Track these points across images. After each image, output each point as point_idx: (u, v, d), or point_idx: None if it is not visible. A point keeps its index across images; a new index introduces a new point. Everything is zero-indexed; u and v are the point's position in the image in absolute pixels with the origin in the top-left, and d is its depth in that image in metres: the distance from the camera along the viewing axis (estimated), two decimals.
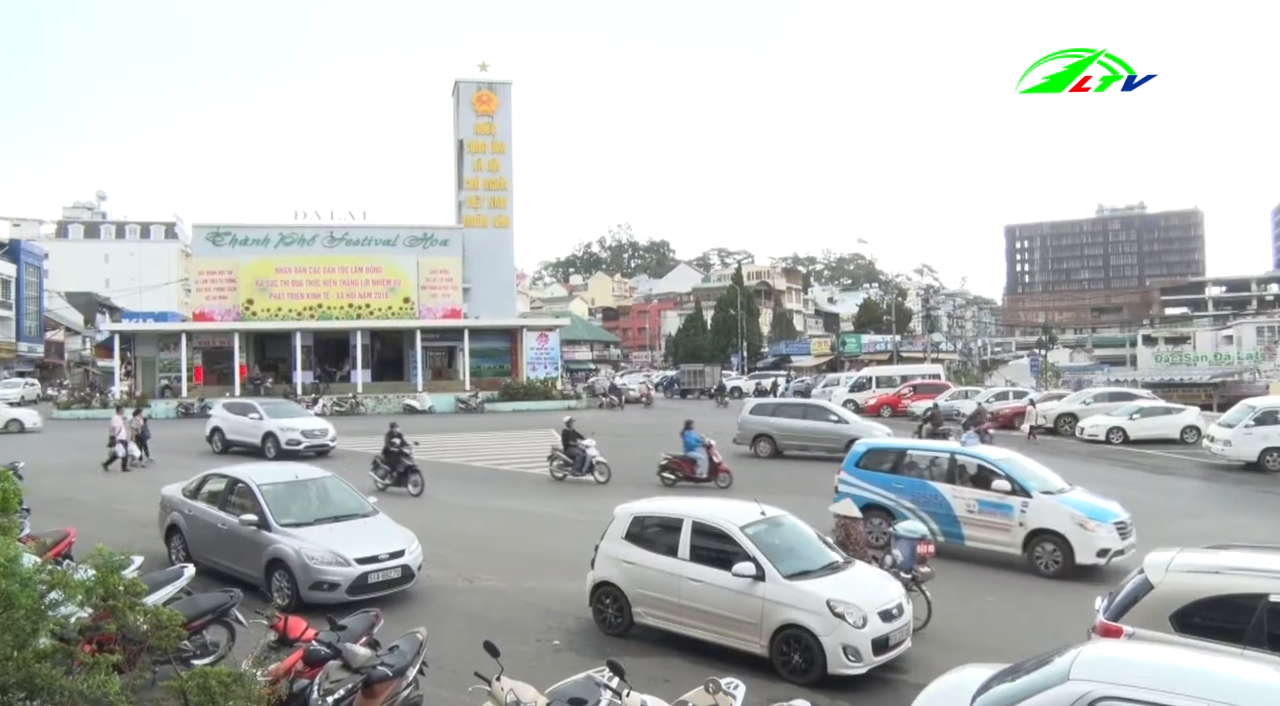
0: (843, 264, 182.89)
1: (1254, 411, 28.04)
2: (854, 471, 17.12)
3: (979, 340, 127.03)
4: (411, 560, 12.87)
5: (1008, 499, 15.07)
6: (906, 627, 10.29)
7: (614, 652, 9.78)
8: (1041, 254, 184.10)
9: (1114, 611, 8.18)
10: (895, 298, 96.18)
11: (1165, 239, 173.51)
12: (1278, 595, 7.48)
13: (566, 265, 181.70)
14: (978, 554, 15.85)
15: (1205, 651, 7.07)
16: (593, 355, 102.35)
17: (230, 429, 29.86)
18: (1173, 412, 34.65)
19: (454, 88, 59.16)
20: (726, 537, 10.61)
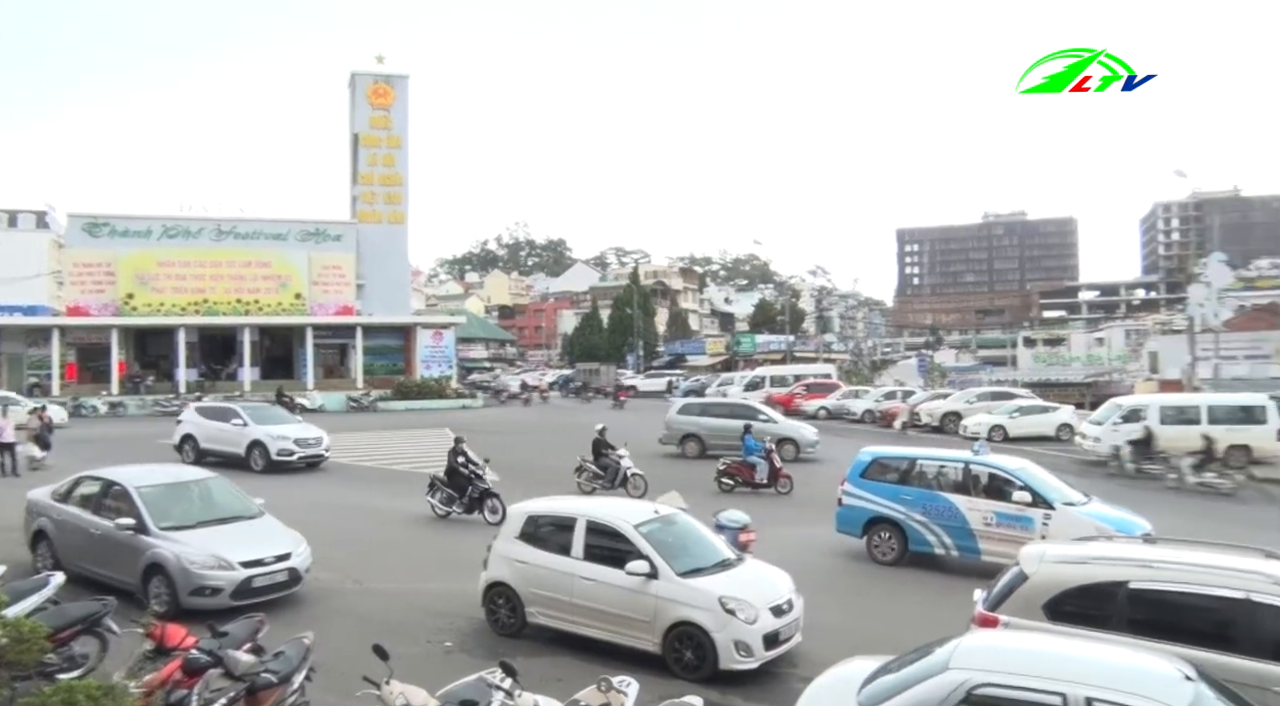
0: (739, 264, 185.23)
1: (1121, 409, 29.61)
2: (859, 482, 16.20)
3: (870, 341, 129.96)
4: (299, 562, 12.53)
5: (1028, 511, 14.33)
6: (797, 622, 10.48)
7: (506, 653, 9.70)
8: (930, 257, 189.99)
9: (991, 602, 8.49)
10: (789, 298, 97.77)
11: (1044, 245, 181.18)
12: (1137, 582, 7.92)
13: (463, 263, 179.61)
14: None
15: (1072, 637, 7.41)
16: (489, 354, 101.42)
17: (206, 436, 26.55)
18: (1049, 411, 36.17)
19: (350, 80, 57.80)
20: (620, 536, 10.63)
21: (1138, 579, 7.95)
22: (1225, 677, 6.64)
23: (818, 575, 14.62)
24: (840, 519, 16.43)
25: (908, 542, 15.43)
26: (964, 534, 14.84)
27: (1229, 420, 28.10)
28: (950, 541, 14.92)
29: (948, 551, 15.03)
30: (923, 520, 15.22)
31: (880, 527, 15.66)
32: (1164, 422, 28.12)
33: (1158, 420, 28.23)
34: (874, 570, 15.44)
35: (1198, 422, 27.89)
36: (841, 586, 14.33)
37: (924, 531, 15.19)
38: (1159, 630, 7.55)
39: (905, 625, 11.06)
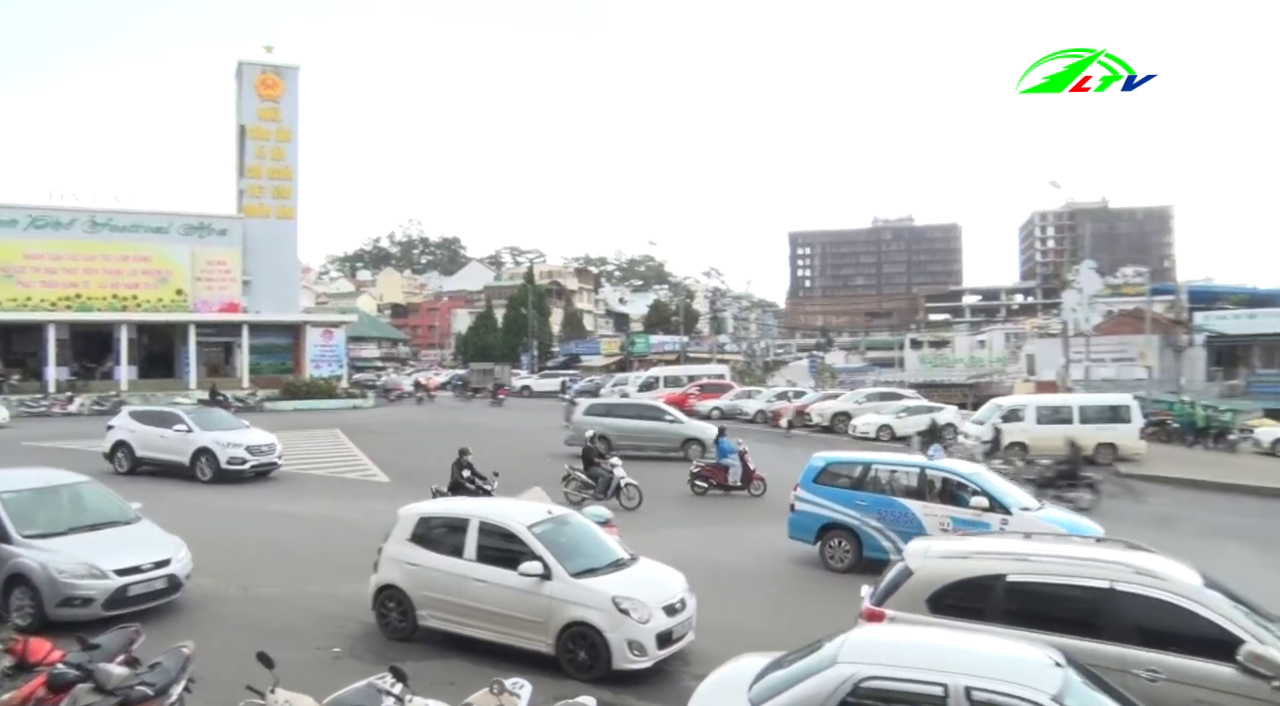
0: (634, 265, 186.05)
1: (1001, 409, 30.87)
2: (812, 488, 15.85)
3: (762, 342, 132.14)
4: (179, 569, 12.06)
5: (985, 516, 14.12)
6: (690, 621, 10.58)
7: (397, 657, 9.51)
8: (821, 260, 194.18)
9: (878, 597, 8.72)
10: (684, 299, 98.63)
11: (930, 250, 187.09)
12: (1014, 575, 8.28)
13: (354, 260, 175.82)
14: (761, 547, 16.48)
15: (953, 629, 7.68)
16: (381, 353, 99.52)
17: (143, 443, 24.38)
18: (934, 410, 37.32)
19: (236, 69, 55.74)
20: (513, 537, 10.58)
21: (1014, 572, 8.30)
22: (1092, 662, 6.97)
23: (741, 577, 14.92)
24: (793, 525, 16.07)
25: (862, 549, 15.09)
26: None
27: (1098, 419, 29.54)
28: (905, 547, 14.74)
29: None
30: (878, 526, 14.90)
31: (834, 534, 15.35)
32: (1039, 422, 29.40)
33: (1034, 420, 29.49)
34: (809, 573, 15.39)
35: (1070, 422, 29.23)
36: (757, 586, 14.54)
37: (879, 537, 14.83)
38: (1034, 620, 7.88)
39: (803, 622, 11.24)
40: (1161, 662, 7.51)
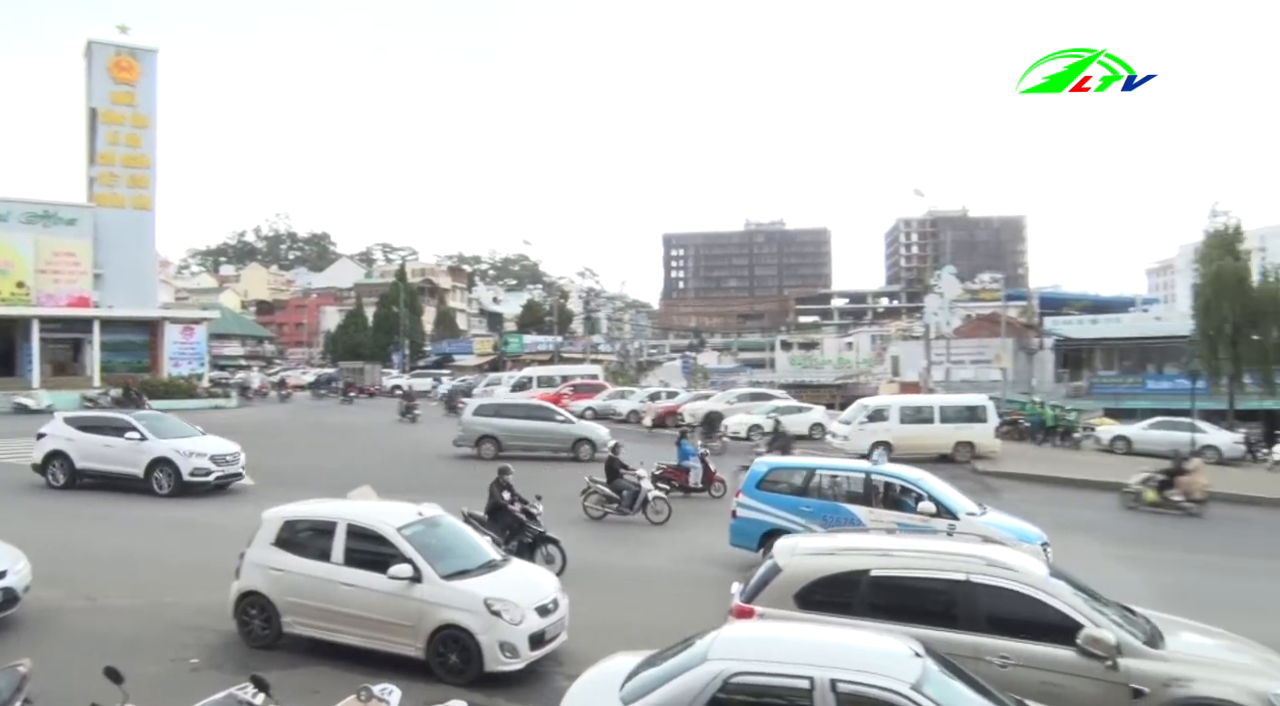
0: (508, 264, 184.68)
1: (867, 410, 31.88)
2: (755, 494, 15.42)
3: (636, 342, 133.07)
4: (15, 582, 11.28)
5: (932, 522, 14.04)
6: (563, 621, 10.57)
7: (259, 666, 9.20)
8: (695, 262, 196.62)
9: (748, 594, 8.90)
10: (558, 299, 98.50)
11: (801, 253, 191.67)
12: (877, 570, 8.58)
13: (218, 254, 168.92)
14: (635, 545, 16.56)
15: (820, 624, 7.93)
16: (245, 351, 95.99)
17: (85, 454, 21.69)
18: (803, 411, 38.30)
19: (86, 48, 52.56)
20: (382, 539, 10.37)
21: (877, 567, 8.61)
22: (949, 652, 7.29)
23: (628, 577, 14.94)
24: (735, 531, 15.57)
25: None
26: None
27: (957, 419, 30.83)
28: None
29: None
30: (821, 532, 14.22)
31: (776, 540, 15.23)
32: (903, 422, 30.46)
33: (898, 420, 30.55)
34: (697, 572, 15.29)
35: (932, 421, 30.44)
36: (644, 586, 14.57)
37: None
38: (896, 612, 8.19)
39: (680, 620, 11.32)
40: (1011, 649, 7.91)
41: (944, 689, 6.35)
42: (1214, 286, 38.13)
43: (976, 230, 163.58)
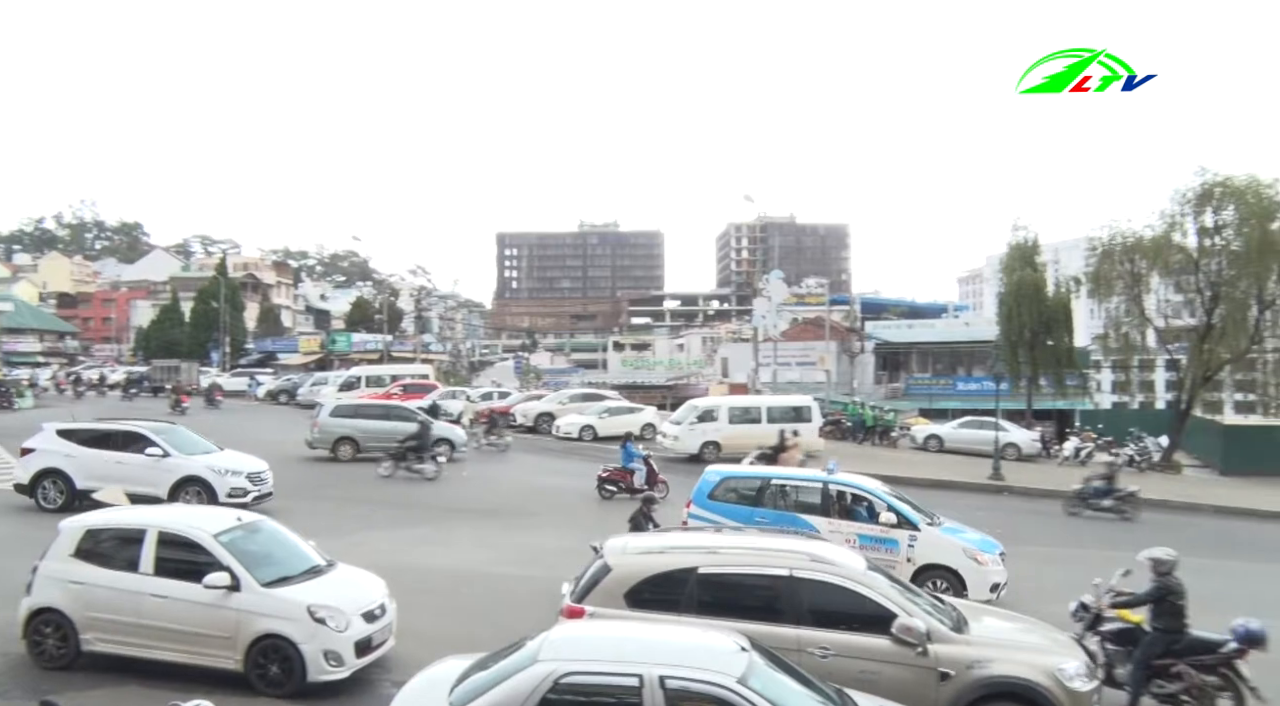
0: (337, 260, 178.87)
1: (697, 410, 32.54)
2: (706, 504, 14.95)
3: (468, 342, 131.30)
4: None
5: (893, 533, 13.85)
6: (390, 626, 10.32)
7: (54, 689, 8.58)
8: (529, 262, 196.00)
9: (578, 594, 8.92)
10: (388, 297, 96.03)
11: (634, 255, 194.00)
12: (705, 567, 8.77)
13: (11, 241, 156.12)
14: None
15: (649, 622, 8.04)
16: (43, 346, 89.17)
17: (89, 472, 18.90)
18: (635, 412, 38.67)
19: None
20: (197, 547, 9.87)
21: (705, 564, 8.80)
22: (773, 645, 7.53)
23: (461, 580, 14.58)
24: None
25: None
26: None
27: (783, 419, 31.75)
28: None
29: None
30: None
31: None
32: (732, 422, 31.21)
33: (727, 420, 31.29)
34: (528, 574, 15.11)
35: (759, 422, 31.30)
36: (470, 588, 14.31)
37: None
38: (723, 609, 8.40)
39: (511, 622, 11.23)
40: (832, 640, 8.25)
41: (769, 681, 6.55)
42: (1015, 295, 40.90)
43: (804, 236, 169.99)
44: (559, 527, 18.81)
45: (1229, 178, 34.30)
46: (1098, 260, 37.81)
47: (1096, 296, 38.62)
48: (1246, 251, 33.51)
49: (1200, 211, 34.88)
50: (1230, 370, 36.38)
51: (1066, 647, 8.86)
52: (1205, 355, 35.00)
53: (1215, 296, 34.68)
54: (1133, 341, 38.24)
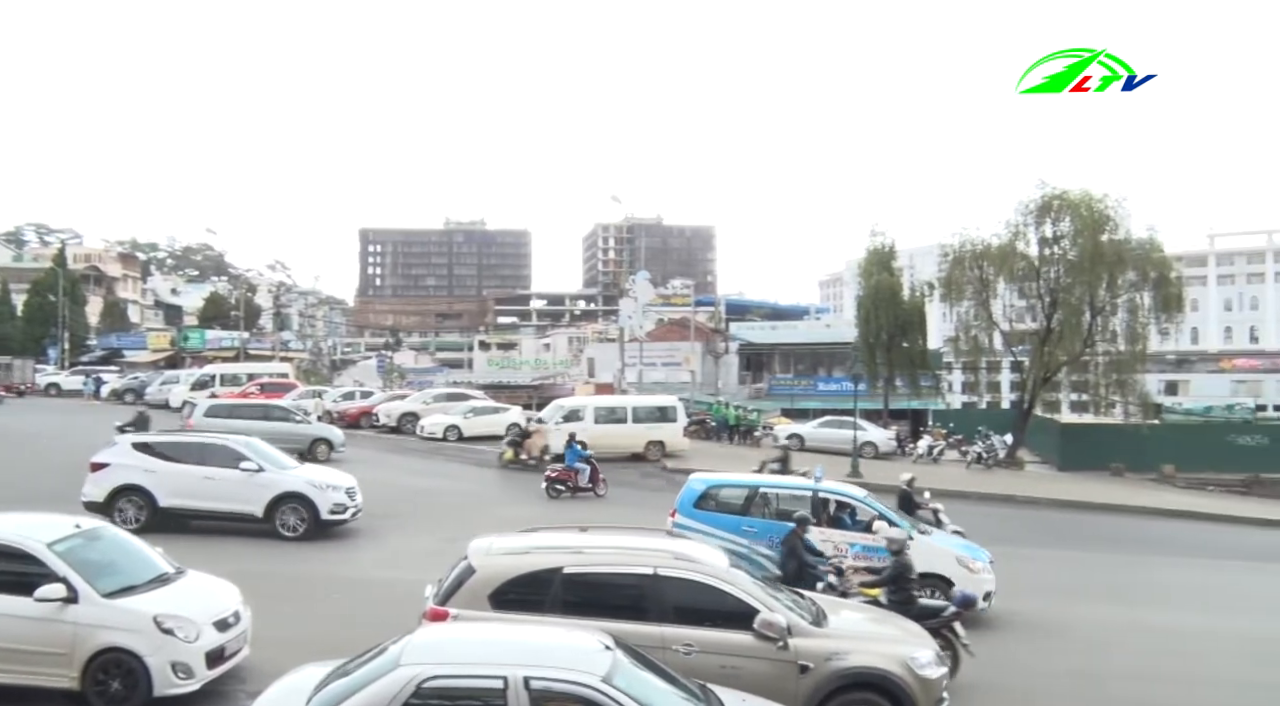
0: (189, 254, 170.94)
1: (563, 410, 32.51)
2: (692, 513, 14.53)
3: (330, 340, 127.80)
4: None
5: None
6: (245, 635, 9.94)
7: None
8: (393, 259, 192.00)
9: (441, 597, 8.79)
10: (245, 293, 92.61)
11: (501, 254, 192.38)
12: (570, 567, 8.78)
13: None
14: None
15: (514, 623, 8.00)
16: None
17: (174, 489, 17.54)
18: (500, 411, 38.40)
19: None
20: (29, 558, 9.22)
21: (570, 564, 8.80)
22: (638, 643, 7.58)
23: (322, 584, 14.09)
24: None
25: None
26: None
27: (648, 419, 32.13)
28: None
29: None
30: (768, 554, 13.57)
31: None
32: (597, 422, 31.30)
33: (593, 420, 31.37)
34: (390, 577, 14.85)
35: (625, 421, 31.53)
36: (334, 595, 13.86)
37: (771, 567, 13.24)
38: (589, 608, 8.42)
39: (374, 627, 10.97)
40: (695, 637, 8.38)
41: (633, 679, 6.59)
42: (872, 299, 42.47)
43: (670, 238, 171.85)
44: (424, 530, 18.53)
45: (1066, 191, 36.50)
46: (949, 266, 39.57)
47: (948, 301, 40.41)
48: (1081, 261, 35.71)
49: (1041, 222, 36.97)
50: (1067, 372, 38.59)
51: (919, 638, 9.24)
52: (1045, 357, 37.10)
53: (1054, 302, 36.78)
54: (981, 344, 40.10)
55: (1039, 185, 36.94)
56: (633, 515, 19.22)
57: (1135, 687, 11.61)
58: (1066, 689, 11.47)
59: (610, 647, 6.85)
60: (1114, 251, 35.56)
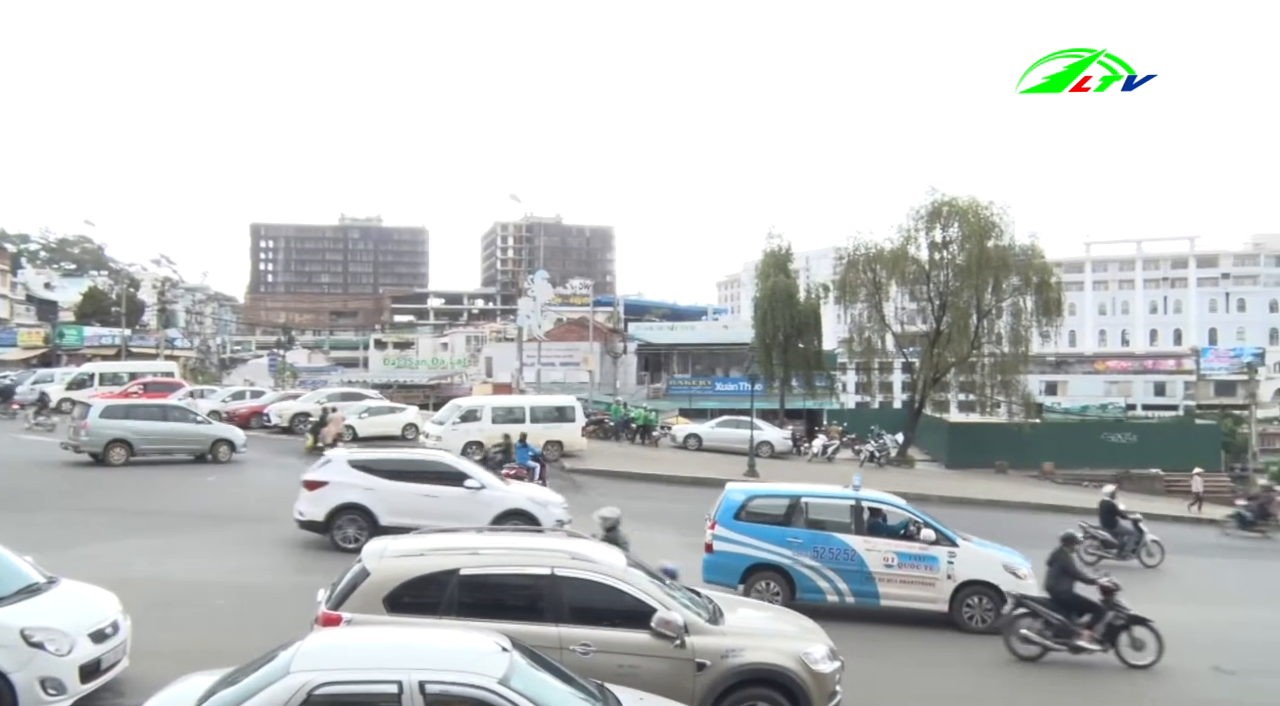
0: (65, 245, 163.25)
1: (460, 410, 32.23)
2: (733, 524, 14.21)
3: (219, 338, 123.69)
4: None
5: (932, 549, 13.65)
6: (124, 646, 9.51)
7: None
8: (286, 255, 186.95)
9: (334, 601, 8.58)
10: (127, 288, 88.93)
11: (398, 251, 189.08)
12: (467, 569, 8.67)
13: None
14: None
15: (410, 627, 7.86)
16: None
17: (395, 507, 16.84)
18: (396, 411, 37.78)
19: None
20: None
21: (467, 566, 8.69)
22: (536, 644, 7.53)
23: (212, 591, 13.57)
24: (711, 568, 14.21)
25: (795, 591, 13.88)
26: (861, 578, 13.74)
27: (546, 419, 32.02)
28: (845, 587, 13.74)
29: (841, 598, 13.78)
30: (813, 565, 13.71)
31: (762, 575, 13.92)
32: (495, 422, 31.06)
33: (490, 420, 31.12)
34: (279, 581, 14.43)
35: (523, 421, 31.31)
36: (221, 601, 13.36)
37: (815, 578, 13.77)
38: (486, 610, 8.34)
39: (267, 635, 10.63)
40: (593, 637, 8.37)
41: (530, 681, 6.55)
42: (769, 300, 43.19)
43: (569, 237, 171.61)
44: (315, 533, 18.04)
45: (955, 198, 37.81)
46: (844, 269, 40.63)
47: (843, 303, 41.39)
48: (968, 265, 37.02)
49: (931, 227, 38.23)
50: (955, 372, 39.95)
51: (813, 634, 9.42)
52: (934, 359, 38.35)
53: (943, 305, 38.04)
54: (874, 345, 41.22)
55: (929, 191, 38.24)
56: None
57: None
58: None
59: (507, 649, 6.79)
60: (999, 257, 36.97)
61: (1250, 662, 13.09)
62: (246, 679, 6.53)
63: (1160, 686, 11.97)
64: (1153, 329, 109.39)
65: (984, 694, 11.74)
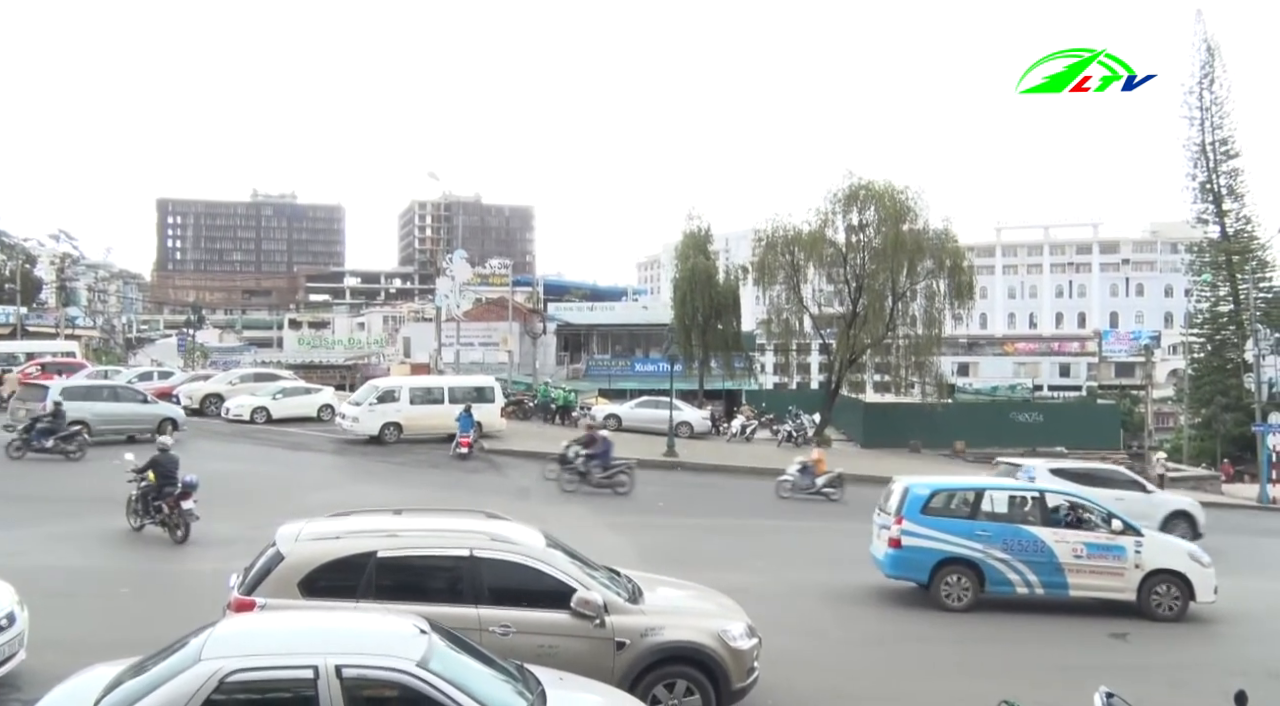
0: None
1: (377, 391, 31.73)
2: (920, 519, 14.16)
3: (124, 316, 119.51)
4: None
5: (1119, 539, 13.92)
6: (20, 637, 9.17)
7: None
8: (195, 232, 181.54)
9: (248, 586, 8.40)
10: (22, 264, 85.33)
11: (313, 229, 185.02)
12: (384, 551, 8.57)
13: None
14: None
15: (326, 610, 7.75)
16: None
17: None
18: (312, 392, 37.09)
19: None
20: None
21: (384, 548, 8.58)
22: (455, 626, 7.48)
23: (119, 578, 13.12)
24: (898, 563, 14.34)
25: (984, 584, 13.99)
26: (1051, 569, 13.83)
27: (465, 399, 31.67)
28: (1035, 578, 13.86)
29: (1031, 590, 14.01)
30: (1003, 557, 13.82)
31: (952, 569, 13.99)
32: (413, 403, 30.68)
33: (408, 401, 30.73)
34: (175, 569, 14.07)
35: (442, 402, 30.98)
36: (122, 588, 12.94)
37: (1005, 570, 13.89)
38: (404, 592, 8.26)
39: (174, 622, 10.37)
40: (513, 618, 8.35)
41: (449, 662, 6.50)
42: (689, 281, 43.39)
43: (489, 217, 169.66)
44: (228, 516, 17.62)
45: (871, 182, 38.36)
46: (763, 250, 40.91)
47: (761, 284, 41.74)
48: (884, 248, 37.64)
49: (848, 211, 38.72)
50: (871, 354, 40.65)
51: (732, 612, 9.53)
52: (851, 340, 38.94)
53: (860, 287, 38.63)
54: (792, 327, 41.68)
55: (846, 175, 38.67)
56: (450, 497, 19.08)
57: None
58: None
59: (426, 631, 6.73)
60: (914, 241, 37.65)
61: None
62: (155, 668, 6.35)
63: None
64: (1059, 312, 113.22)
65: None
